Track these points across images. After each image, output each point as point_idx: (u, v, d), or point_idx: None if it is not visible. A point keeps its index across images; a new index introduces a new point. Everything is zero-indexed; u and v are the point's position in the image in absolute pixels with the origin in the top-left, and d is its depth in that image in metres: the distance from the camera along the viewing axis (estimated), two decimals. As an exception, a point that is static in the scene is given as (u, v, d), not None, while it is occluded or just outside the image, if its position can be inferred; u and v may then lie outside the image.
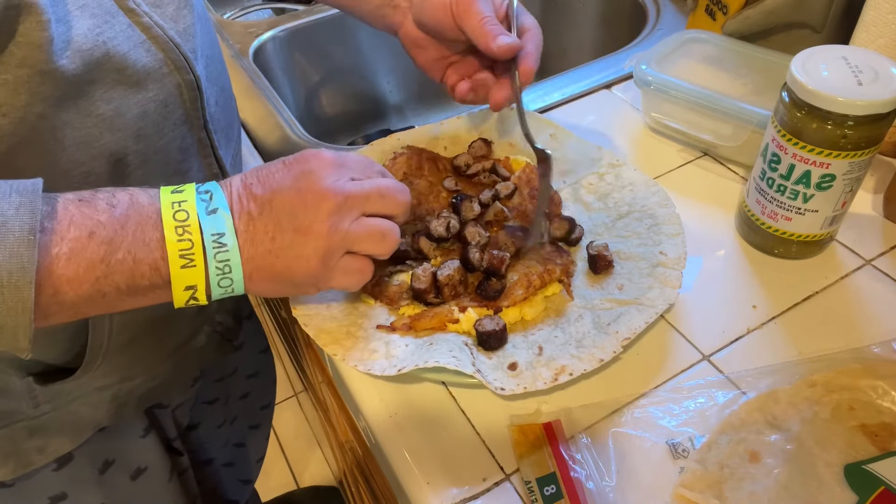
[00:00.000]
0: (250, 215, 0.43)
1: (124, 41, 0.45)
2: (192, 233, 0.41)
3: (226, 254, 0.42)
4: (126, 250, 0.40)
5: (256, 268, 0.44)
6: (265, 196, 0.44)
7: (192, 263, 0.41)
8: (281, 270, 0.44)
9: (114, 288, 0.40)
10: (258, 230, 0.43)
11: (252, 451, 0.96)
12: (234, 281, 0.43)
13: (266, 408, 0.96)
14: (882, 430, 0.47)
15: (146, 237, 0.40)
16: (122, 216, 0.40)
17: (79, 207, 0.39)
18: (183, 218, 0.41)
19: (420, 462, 0.48)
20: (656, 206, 0.60)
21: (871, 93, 0.50)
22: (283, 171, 0.45)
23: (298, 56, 1.02)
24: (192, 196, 0.42)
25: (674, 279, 0.54)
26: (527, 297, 0.53)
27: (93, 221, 0.39)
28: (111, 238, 0.39)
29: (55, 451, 0.60)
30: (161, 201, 0.42)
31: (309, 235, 0.44)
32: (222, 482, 0.90)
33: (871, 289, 0.57)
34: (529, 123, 0.70)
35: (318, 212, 0.44)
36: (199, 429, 0.82)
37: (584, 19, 1.09)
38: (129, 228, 0.40)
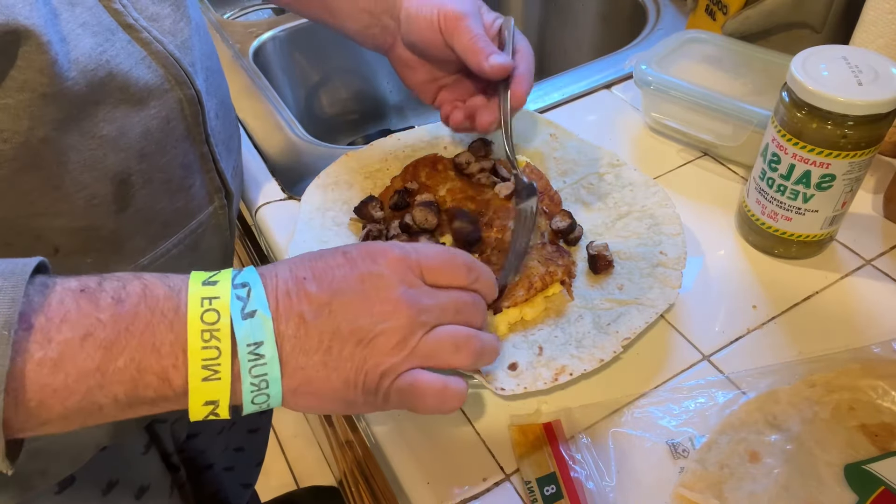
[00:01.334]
0: (302, 318, 0.37)
1: (126, 59, 0.44)
2: (220, 339, 0.34)
3: (263, 367, 0.35)
4: (129, 357, 0.34)
5: (305, 381, 0.37)
6: (323, 297, 0.38)
7: (217, 376, 0.34)
8: (334, 385, 0.38)
9: (111, 400, 0.34)
10: (311, 338, 0.37)
11: (252, 455, 0.95)
12: (270, 396, 0.37)
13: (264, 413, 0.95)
14: (882, 430, 0.47)
15: (156, 340, 0.34)
16: (128, 313, 0.34)
17: (77, 301, 0.33)
18: (212, 320, 0.34)
19: (420, 462, 0.48)
20: (656, 206, 0.60)
21: (871, 93, 0.50)
22: (346, 267, 0.39)
23: (298, 56, 1.02)
24: (226, 291, 0.36)
25: (674, 279, 0.54)
26: (528, 298, 0.53)
27: (90, 320, 0.33)
28: (111, 342, 0.33)
29: (56, 474, 0.58)
30: (189, 295, 0.35)
31: (371, 349, 0.38)
32: (222, 487, 0.89)
33: (871, 289, 0.57)
34: (529, 124, 0.71)
35: (385, 323, 0.38)
36: (199, 437, 0.82)
37: (584, 19, 1.09)
38: (135, 330, 0.34)
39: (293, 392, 0.37)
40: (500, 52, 0.57)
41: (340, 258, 0.40)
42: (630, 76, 0.81)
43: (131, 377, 0.34)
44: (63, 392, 0.33)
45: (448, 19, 0.56)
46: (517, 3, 1.14)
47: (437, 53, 0.59)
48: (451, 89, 0.64)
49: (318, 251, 0.41)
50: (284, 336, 0.36)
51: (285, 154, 0.77)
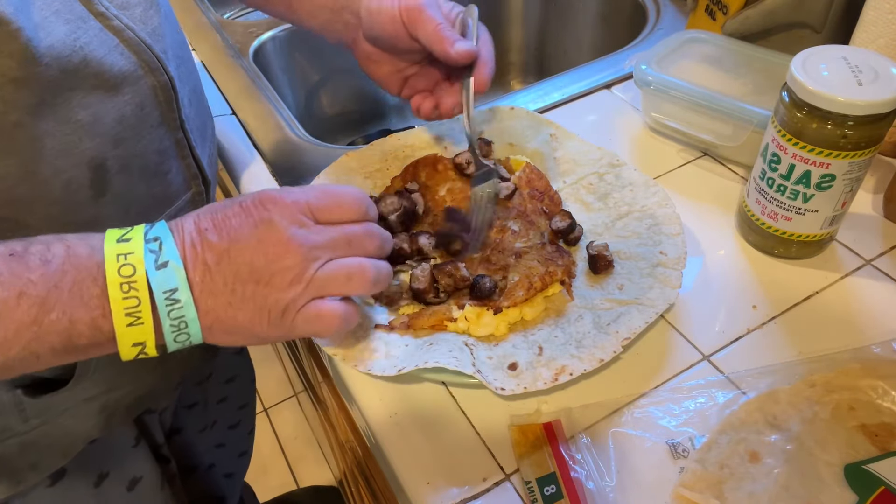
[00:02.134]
0: (206, 265, 0.41)
1: (99, 46, 0.45)
2: (138, 290, 0.38)
3: (180, 310, 0.40)
4: (61, 310, 0.37)
5: (217, 320, 0.41)
6: (222, 245, 0.41)
7: (140, 321, 0.38)
8: (242, 322, 0.42)
9: (48, 349, 0.38)
10: (216, 281, 0.41)
11: (233, 448, 0.95)
12: (191, 335, 0.41)
13: (244, 407, 0.95)
14: (882, 430, 0.47)
15: (84, 294, 0.38)
16: (56, 272, 0.37)
17: (8, 264, 0.37)
18: (129, 273, 0.38)
19: (420, 462, 0.48)
20: (656, 206, 0.60)
21: (871, 93, 0.50)
22: (242, 216, 0.42)
23: (298, 56, 1.02)
24: (139, 247, 0.39)
25: (674, 279, 0.54)
26: (528, 298, 0.53)
27: (23, 280, 0.37)
28: (43, 298, 0.37)
29: (48, 466, 0.59)
30: (105, 253, 0.39)
31: (270, 287, 0.42)
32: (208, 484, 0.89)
33: (871, 289, 0.57)
34: (530, 124, 0.71)
35: (279, 262, 0.42)
36: (183, 434, 0.82)
37: (584, 19, 1.09)
38: (64, 286, 0.37)
39: (209, 330, 0.41)
40: (464, 39, 0.59)
41: (237, 208, 0.43)
42: (630, 76, 0.81)
43: (65, 328, 0.37)
44: (3, 345, 0.36)
45: (410, 11, 0.58)
46: (517, 3, 1.14)
47: (402, 45, 0.60)
48: (415, 79, 0.65)
49: (220, 202, 0.44)
50: (193, 282, 0.40)
51: (285, 154, 0.77)
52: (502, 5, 1.14)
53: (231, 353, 0.90)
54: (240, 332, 0.43)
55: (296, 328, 0.43)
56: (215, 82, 0.88)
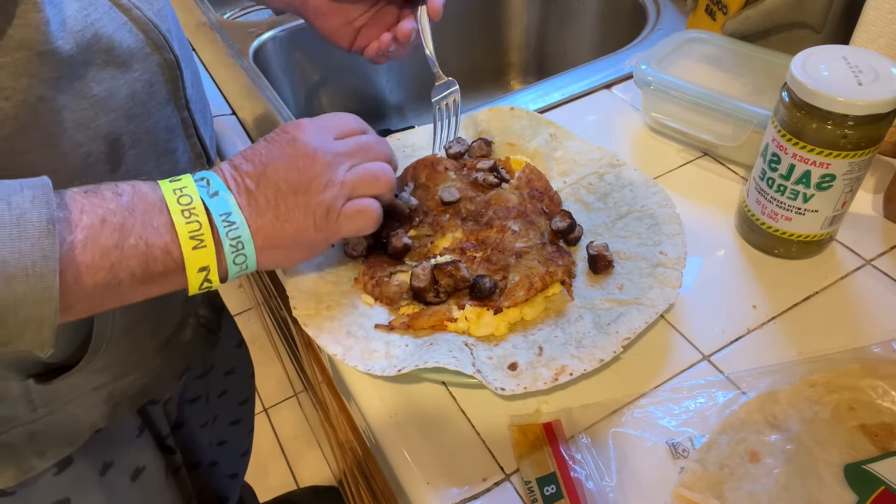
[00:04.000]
0: (248, 190, 0.46)
1: (108, 23, 0.47)
2: (198, 214, 0.42)
3: (236, 230, 0.44)
4: (137, 235, 0.41)
5: (267, 237, 0.46)
6: (257, 170, 0.46)
7: (203, 244, 0.42)
8: (291, 233, 0.47)
9: (129, 274, 0.41)
10: (260, 202, 0.46)
11: (235, 447, 0.96)
12: (247, 256, 0.45)
13: (245, 403, 0.96)
14: (882, 430, 0.47)
15: (154, 222, 0.41)
16: (128, 204, 0.41)
17: (87, 197, 0.40)
18: (187, 202, 0.43)
19: (420, 462, 0.48)
20: (656, 206, 0.60)
21: (871, 93, 0.50)
22: (268, 145, 0.48)
23: (298, 56, 1.02)
24: (190, 183, 0.44)
25: (674, 279, 0.54)
26: (528, 298, 0.53)
27: (103, 209, 0.40)
28: (122, 224, 0.40)
29: (54, 454, 0.60)
30: (163, 189, 0.43)
31: (309, 194, 0.46)
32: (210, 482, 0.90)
33: (871, 289, 0.57)
34: (530, 124, 0.71)
35: (311, 171, 0.47)
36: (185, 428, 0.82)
37: (584, 19, 1.09)
38: (136, 215, 0.41)
39: (261, 249, 0.46)
40: None
41: (262, 142, 0.49)
42: (630, 76, 0.81)
43: (143, 252, 0.41)
44: (92, 267, 0.39)
45: None
46: (517, 3, 1.14)
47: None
48: (366, 29, 0.67)
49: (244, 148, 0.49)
50: (241, 206, 0.45)
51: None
52: (502, 5, 1.14)
53: (231, 346, 0.90)
54: (290, 245, 0.47)
55: (340, 227, 0.49)
56: (215, 82, 0.88)
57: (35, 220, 0.37)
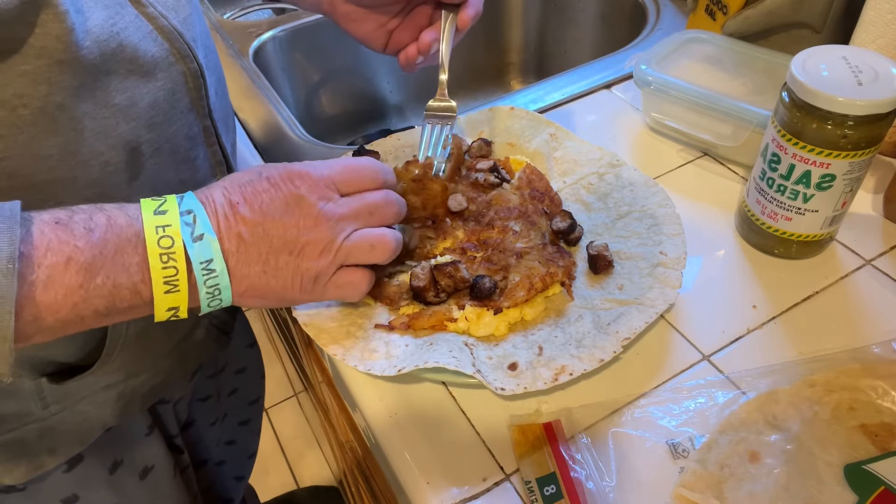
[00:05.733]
0: (241, 238, 0.44)
1: (134, 32, 0.46)
2: (177, 260, 0.41)
3: (215, 279, 0.43)
4: (105, 275, 0.39)
5: (250, 287, 0.45)
6: (255, 219, 0.44)
7: (177, 289, 0.41)
8: (275, 289, 0.46)
9: (92, 311, 0.40)
10: (250, 253, 0.44)
11: (243, 448, 0.96)
12: (223, 300, 0.44)
13: (255, 403, 0.96)
14: (882, 430, 0.47)
15: (125, 262, 0.40)
16: (100, 240, 0.39)
17: (55, 232, 0.39)
18: (168, 245, 0.41)
19: (420, 462, 0.48)
20: (656, 206, 0.60)
21: (871, 93, 0.50)
22: (271, 191, 0.45)
23: (298, 56, 1.02)
24: (175, 219, 0.42)
25: (674, 279, 0.54)
26: (528, 298, 0.53)
27: (70, 247, 0.38)
28: (89, 264, 0.39)
29: (65, 452, 0.60)
30: (144, 224, 0.41)
31: (301, 257, 0.46)
32: (216, 481, 0.90)
33: (871, 289, 0.57)
34: (530, 124, 0.71)
35: (309, 234, 0.45)
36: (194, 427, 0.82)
37: (584, 19, 1.09)
38: (107, 253, 0.40)
39: (241, 295, 0.45)
40: None
41: (265, 183, 0.46)
42: (630, 76, 0.81)
43: (109, 292, 0.40)
44: (53, 307, 0.38)
45: None
46: (517, 3, 1.14)
47: None
48: (399, 32, 0.65)
49: (243, 173, 0.47)
50: (228, 252, 0.43)
51: (285, 154, 0.77)
52: (502, 5, 1.14)
53: (243, 345, 0.91)
54: (271, 297, 0.46)
55: (326, 293, 0.48)
56: (215, 82, 0.88)
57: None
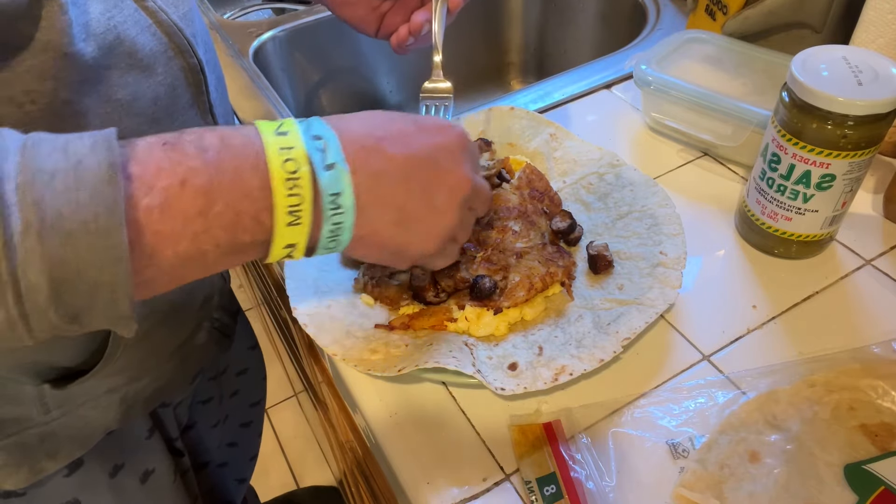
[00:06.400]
0: (378, 175, 0.39)
1: (132, 25, 0.46)
2: (302, 187, 0.36)
3: (340, 216, 0.38)
4: (225, 202, 0.35)
5: (373, 232, 0.40)
6: (400, 159, 0.40)
7: (298, 221, 0.36)
8: (400, 243, 0.42)
9: (214, 245, 0.35)
10: (386, 195, 0.40)
11: (245, 450, 0.96)
12: (340, 242, 0.39)
13: (256, 405, 0.96)
14: (882, 430, 0.47)
15: (246, 186, 0.35)
16: (215, 161, 0.35)
17: (165, 152, 0.34)
18: (292, 170, 0.36)
19: (420, 462, 0.48)
20: (656, 206, 0.60)
21: (871, 93, 0.50)
22: (419, 135, 0.42)
23: (298, 56, 1.02)
24: (299, 142, 0.37)
25: (674, 279, 0.54)
26: (528, 298, 0.53)
27: (183, 168, 0.34)
28: (207, 188, 0.34)
29: (66, 456, 0.60)
30: (266, 145, 0.36)
31: (442, 217, 0.42)
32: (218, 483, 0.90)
33: (871, 289, 0.57)
34: (530, 124, 0.71)
35: (453, 196, 0.42)
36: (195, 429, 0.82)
37: (584, 19, 1.09)
38: (225, 176, 0.35)
39: (360, 239, 0.40)
40: None
41: (413, 126, 0.42)
42: (630, 76, 0.81)
43: (230, 220, 0.35)
44: (172, 238, 0.33)
45: None
46: (517, 3, 1.14)
47: None
48: (391, 15, 0.65)
49: (377, 113, 0.43)
50: (361, 189, 0.38)
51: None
52: (502, 5, 1.14)
53: (245, 347, 0.91)
54: (389, 250, 0.42)
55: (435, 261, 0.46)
56: (215, 82, 0.88)
57: (94, 166, 0.31)
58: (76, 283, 0.31)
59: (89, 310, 0.32)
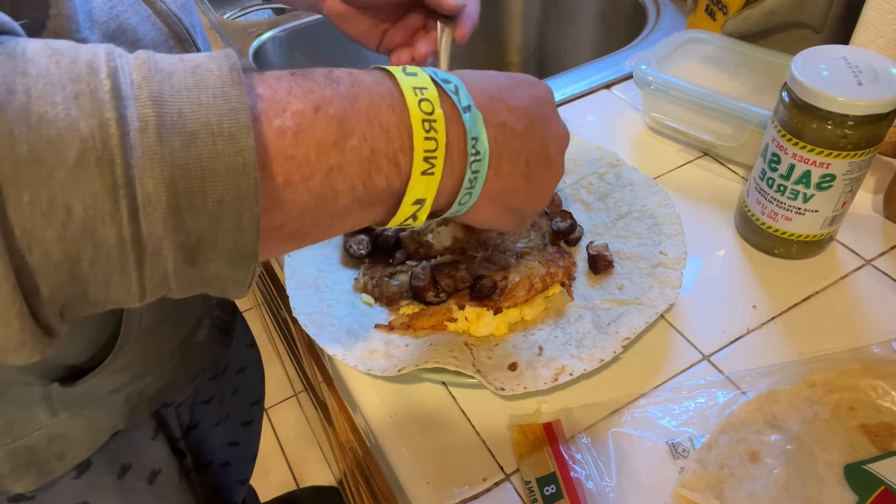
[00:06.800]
0: (505, 127, 0.37)
1: (133, 15, 0.46)
2: (437, 130, 0.33)
3: (479, 163, 0.35)
4: (361, 136, 0.31)
5: (502, 189, 0.38)
6: (521, 111, 0.38)
7: (432, 171, 0.33)
8: (525, 198, 0.40)
9: (348, 186, 0.32)
10: (513, 147, 0.37)
11: (246, 449, 0.96)
12: (471, 197, 0.36)
13: (256, 404, 0.96)
14: (882, 430, 0.47)
15: (382, 121, 0.32)
16: (348, 93, 0.32)
17: (294, 79, 0.31)
18: (428, 110, 0.33)
19: (420, 462, 0.48)
20: (656, 206, 0.60)
21: (871, 93, 0.50)
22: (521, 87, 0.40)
23: (298, 56, 1.02)
24: (430, 83, 0.34)
25: (674, 279, 0.54)
26: (528, 298, 0.53)
27: (316, 95, 0.31)
28: (341, 118, 0.31)
29: (74, 457, 0.60)
30: (400, 83, 0.33)
31: (555, 170, 0.41)
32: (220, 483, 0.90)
33: (871, 289, 0.57)
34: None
35: (561, 148, 0.42)
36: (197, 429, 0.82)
37: (584, 19, 1.09)
38: (360, 108, 0.32)
39: (489, 197, 0.37)
40: None
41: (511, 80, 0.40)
42: (630, 76, 0.81)
43: (366, 158, 0.32)
44: (305, 168, 0.30)
45: None
46: (517, 3, 1.14)
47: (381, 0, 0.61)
48: (393, 32, 0.65)
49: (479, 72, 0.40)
50: (493, 138, 0.36)
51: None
52: (502, 5, 1.14)
53: (243, 345, 0.91)
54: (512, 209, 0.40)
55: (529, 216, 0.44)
56: (215, 82, 0.88)
57: (214, 69, 0.28)
58: (197, 197, 0.26)
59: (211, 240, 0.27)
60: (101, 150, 0.24)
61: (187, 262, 0.27)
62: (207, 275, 0.29)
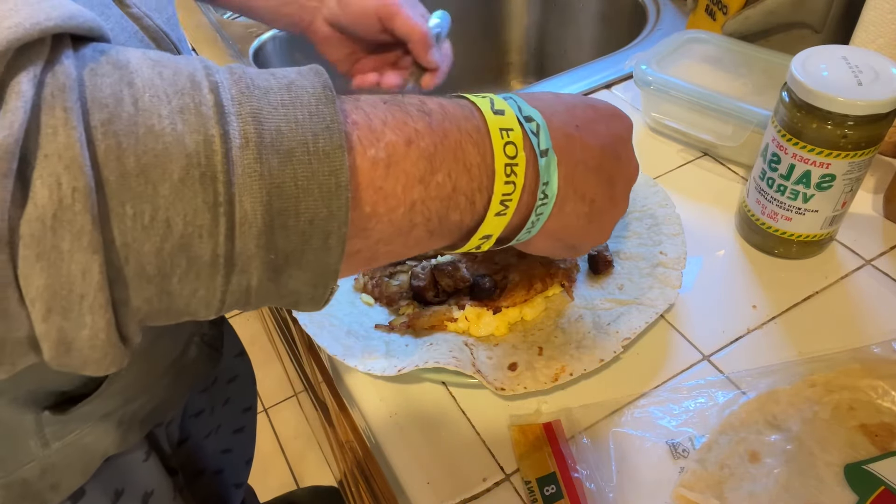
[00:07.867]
0: (577, 166, 0.36)
1: (121, 32, 0.45)
2: (517, 175, 0.33)
3: (544, 207, 0.35)
4: (446, 173, 0.31)
5: (563, 226, 0.37)
6: (596, 149, 0.37)
7: (505, 212, 0.33)
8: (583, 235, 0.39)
9: (425, 219, 0.32)
10: (581, 186, 0.37)
11: (240, 455, 0.95)
12: (530, 234, 0.36)
13: (248, 410, 0.95)
14: (882, 430, 0.47)
15: (467, 160, 0.32)
16: (439, 127, 0.31)
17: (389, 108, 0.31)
18: (512, 154, 0.33)
19: (420, 462, 0.48)
20: (656, 206, 0.60)
21: (871, 93, 0.50)
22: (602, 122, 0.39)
23: (298, 56, 1.02)
24: (516, 124, 0.33)
25: (674, 279, 0.54)
26: (528, 298, 0.53)
27: (409, 128, 0.30)
28: (431, 153, 0.31)
29: (68, 487, 0.59)
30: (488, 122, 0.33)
31: (619, 209, 0.40)
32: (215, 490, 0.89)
33: (871, 289, 0.57)
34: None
35: (628, 186, 0.40)
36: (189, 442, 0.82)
37: (584, 19, 1.09)
38: (448, 144, 0.31)
39: (548, 232, 0.37)
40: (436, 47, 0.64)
41: (594, 112, 0.39)
42: (630, 76, 0.81)
43: (448, 195, 0.32)
44: (392, 201, 0.30)
45: (388, 7, 0.62)
46: (517, 3, 1.14)
47: (368, 35, 0.64)
48: (366, 61, 0.69)
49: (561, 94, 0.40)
50: (563, 177, 0.35)
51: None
52: (502, 5, 1.14)
53: (232, 356, 0.90)
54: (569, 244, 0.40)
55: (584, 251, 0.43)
56: (215, 82, 0.88)
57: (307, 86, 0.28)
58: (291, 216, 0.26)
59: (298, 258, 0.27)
60: (205, 166, 0.24)
61: (271, 279, 0.27)
62: (286, 291, 0.29)
